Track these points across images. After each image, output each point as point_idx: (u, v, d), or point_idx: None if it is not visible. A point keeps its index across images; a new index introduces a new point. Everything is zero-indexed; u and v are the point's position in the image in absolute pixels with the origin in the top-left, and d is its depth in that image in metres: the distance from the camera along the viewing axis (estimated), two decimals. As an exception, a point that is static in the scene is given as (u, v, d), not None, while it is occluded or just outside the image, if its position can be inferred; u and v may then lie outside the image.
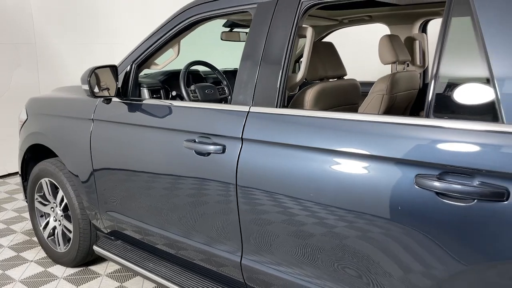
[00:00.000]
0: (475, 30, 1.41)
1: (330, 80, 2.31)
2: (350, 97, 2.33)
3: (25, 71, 5.53)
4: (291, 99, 2.15)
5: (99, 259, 3.24)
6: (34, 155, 3.29)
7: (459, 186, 1.35)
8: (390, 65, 2.73)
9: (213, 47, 3.97)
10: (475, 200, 1.33)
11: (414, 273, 1.48)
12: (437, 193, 1.40)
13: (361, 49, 4.66)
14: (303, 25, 1.98)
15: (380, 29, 3.15)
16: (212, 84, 3.01)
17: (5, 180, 5.37)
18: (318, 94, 2.04)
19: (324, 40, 3.51)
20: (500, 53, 1.35)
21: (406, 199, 1.47)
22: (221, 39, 3.13)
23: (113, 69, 2.45)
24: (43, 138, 3.03)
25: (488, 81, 1.38)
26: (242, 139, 1.92)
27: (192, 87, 2.82)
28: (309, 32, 1.95)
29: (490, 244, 1.31)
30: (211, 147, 2.00)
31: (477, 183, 1.33)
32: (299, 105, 2.10)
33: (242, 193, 1.91)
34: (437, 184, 1.39)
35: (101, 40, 5.95)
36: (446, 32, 1.49)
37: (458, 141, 1.39)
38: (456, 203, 1.37)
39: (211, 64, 3.11)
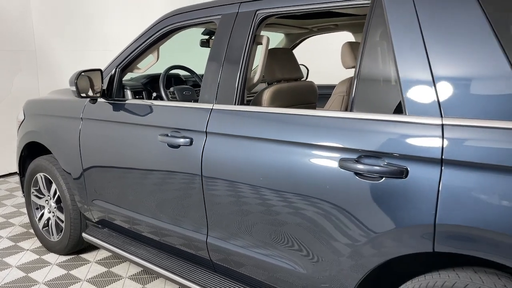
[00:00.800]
0: (387, 38, 1.70)
1: (289, 82, 2.60)
2: (306, 97, 2.62)
3: (26, 77, 5.85)
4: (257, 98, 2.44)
5: (89, 248, 3.52)
6: (31, 152, 3.59)
7: (371, 167, 1.63)
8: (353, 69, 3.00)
9: (193, 53, 4.25)
10: (383, 178, 1.62)
11: (340, 238, 1.76)
12: (355, 173, 1.69)
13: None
14: (260, 34, 2.28)
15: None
16: (191, 86, 3.31)
17: (6, 179, 5.68)
18: (274, 94, 2.33)
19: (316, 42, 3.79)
20: (404, 58, 1.64)
21: (332, 179, 1.75)
22: (200, 46, 3.43)
23: (99, 72, 2.76)
24: (39, 136, 3.33)
25: (395, 81, 1.67)
26: (206, 132, 2.21)
27: (171, 89, 3.11)
28: (265, 40, 2.25)
29: (394, 212, 1.59)
30: (181, 140, 2.29)
31: (385, 163, 1.62)
32: (258, 103, 2.40)
33: (206, 180, 2.20)
34: (355, 166, 1.68)
35: (96, 47, 6.27)
36: (366, 39, 1.78)
37: (371, 130, 1.68)
38: (369, 181, 1.65)
39: (189, 68, 3.42)
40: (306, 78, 4.26)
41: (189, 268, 2.50)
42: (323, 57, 4.84)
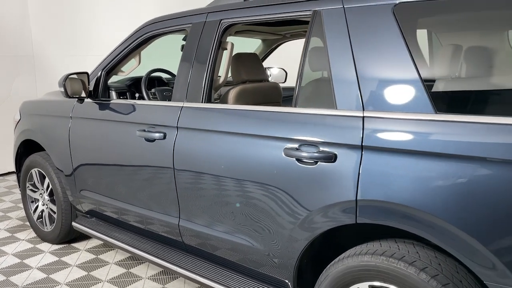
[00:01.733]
0: (324, 45, 2.00)
1: (254, 83, 2.89)
2: (270, 97, 2.91)
3: (24, 80, 6.16)
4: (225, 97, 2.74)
5: (80, 238, 3.81)
6: (26, 149, 3.88)
7: (308, 154, 1.92)
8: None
9: (176, 58, 4.51)
10: (318, 163, 1.91)
11: (285, 216, 2.05)
12: (296, 159, 1.98)
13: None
14: (226, 40, 2.57)
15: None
16: (171, 87, 3.61)
17: (4, 177, 5.98)
18: (239, 94, 2.63)
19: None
20: (336, 62, 1.94)
21: (278, 165, 2.04)
22: (181, 50, 3.72)
23: (86, 75, 3.06)
24: (33, 134, 3.63)
25: (329, 81, 1.96)
26: (177, 127, 2.50)
27: (153, 90, 3.41)
28: (229, 45, 2.54)
29: (326, 191, 1.88)
30: (156, 135, 2.58)
31: (319, 150, 1.91)
32: (225, 102, 2.69)
33: (177, 169, 2.49)
34: (296, 153, 1.97)
35: (91, 52, 6.58)
36: (307, 46, 2.08)
37: (309, 122, 1.97)
38: (307, 166, 1.94)
39: (169, 71, 3.72)
40: (285, 81, 4.56)
41: (165, 250, 2.79)
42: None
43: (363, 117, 1.82)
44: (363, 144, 1.79)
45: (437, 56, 2.13)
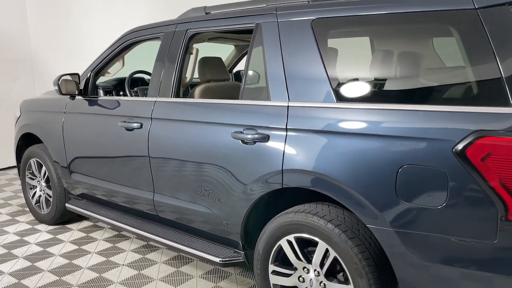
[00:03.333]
0: (263, 51, 2.54)
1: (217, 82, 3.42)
2: (231, 94, 3.42)
3: (23, 83, 6.68)
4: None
5: (72, 220, 4.33)
6: (25, 142, 4.40)
7: (250, 136, 2.45)
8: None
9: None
10: (256, 143, 2.44)
11: (233, 186, 2.57)
12: (241, 141, 2.50)
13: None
14: (193, 46, 3.10)
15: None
16: None
17: (5, 171, 6.50)
18: (203, 91, 3.15)
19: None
20: (271, 64, 2.47)
21: (227, 146, 2.57)
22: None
23: (77, 76, 3.59)
24: (32, 128, 4.15)
25: (265, 79, 2.49)
26: (151, 118, 3.03)
27: (135, 89, 3.93)
28: (194, 50, 3.08)
29: (262, 164, 2.40)
30: (134, 125, 3.11)
31: (257, 133, 2.44)
32: (192, 97, 3.22)
33: (151, 152, 3.01)
34: (240, 135, 2.49)
35: (86, 56, 7.11)
36: (251, 51, 2.61)
37: (251, 111, 2.50)
38: (249, 145, 2.47)
39: (149, 72, 4.25)
40: (258, 82, 5.09)
41: (144, 223, 3.31)
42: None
43: (288, 106, 2.35)
44: (287, 127, 2.33)
45: (334, 58, 2.65)
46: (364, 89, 2.23)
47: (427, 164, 1.87)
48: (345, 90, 2.23)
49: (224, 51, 4.49)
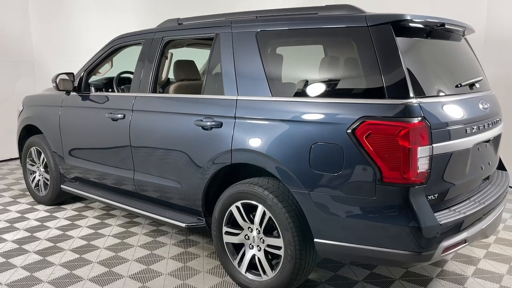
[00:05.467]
0: (219, 55, 3.16)
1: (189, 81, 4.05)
2: (200, 91, 4.06)
3: (25, 83, 7.29)
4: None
5: (67, 202, 4.94)
6: (27, 133, 5.02)
7: (208, 123, 3.07)
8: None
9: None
10: (212, 128, 3.06)
11: (195, 164, 3.18)
12: (202, 127, 3.13)
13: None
14: (168, 51, 3.74)
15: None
16: None
17: (7, 162, 7.12)
18: (176, 88, 3.76)
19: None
20: (225, 67, 3.09)
21: (191, 132, 3.18)
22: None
23: (72, 74, 4.22)
24: (32, 120, 4.77)
25: (221, 79, 3.12)
26: (132, 110, 3.65)
27: (122, 87, 4.56)
28: (169, 55, 3.71)
29: (217, 145, 3.01)
30: (118, 116, 3.73)
31: (213, 120, 3.06)
32: (166, 93, 3.84)
33: (132, 139, 3.63)
34: (200, 123, 3.11)
35: (83, 58, 7.73)
36: (211, 57, 3.25)
37: (209, 103, 3.13)
38: (207, 131, 3.09)
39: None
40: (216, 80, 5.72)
41: (126, 199, 3.93)
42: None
43: (236, 99, 2.98)
44: (235, 115, 2.95)
45: (271, 62, 3.24)
46: (290, 86, 2.87)
47: (330, 142, 2.50)
48: (277, 87, 2.86)
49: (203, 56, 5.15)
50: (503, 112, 3.25)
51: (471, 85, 2.87)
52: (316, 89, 2.75)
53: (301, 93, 2.79)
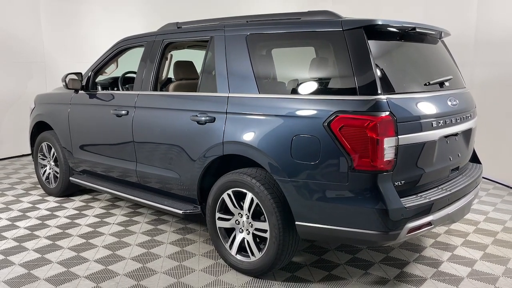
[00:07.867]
0: (214, 57, 3.47)
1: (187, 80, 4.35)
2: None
3: (36, 83, 7.65)
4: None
5: (75, 194, 5.27)
6: (38, 129, 5.36)
7: (202, 118, 3.37)
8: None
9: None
10: (206, 123, 3.36)
11: (192, 155, 3.48)
12: (197, 122, 3.43)
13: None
14: (169, 53, 4.04)
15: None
16: None
17: (19, 158, 7.49)
18: (175, 87, 4.08)
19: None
20: (219, 68, 3.39)
21: (187, 126, 3.48)
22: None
23: (80, 74, 4.54)
24: (43, 117, 5.10)
25: (215, 77, 3.42)
26: (135, 107, 3.97)
27: (127, 86, 4.88)
28: (169, 56, 4.02)
29: (211, 138, 3.31)
30: (123, 112, 4.05)
31: (207, 116, 3.36)
32: (167, 91, 4.15)
33: (135, 133, 3.95)
34: (196, 118, 3.42)
35: (92, 59, 8.09)
36: (205, 58, 3.55)
37: (204, 99, 3.43)
38: (201, 125, 3.39)
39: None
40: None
41: (129, 188, 4.24)
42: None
43: (228, 96, 3.28)
44: (227, 111, 3.25)
45: (259, 63, 3.48)
46: (276, 84, 3.17)
47: (308, 134, 2.78)
48: (264, 85, 3.16)
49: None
50: (494, 110, 3.48)
51: (441, 84, 3.14)
52: (298, 86, 3.04)
53: (285, 91, 3.08)
